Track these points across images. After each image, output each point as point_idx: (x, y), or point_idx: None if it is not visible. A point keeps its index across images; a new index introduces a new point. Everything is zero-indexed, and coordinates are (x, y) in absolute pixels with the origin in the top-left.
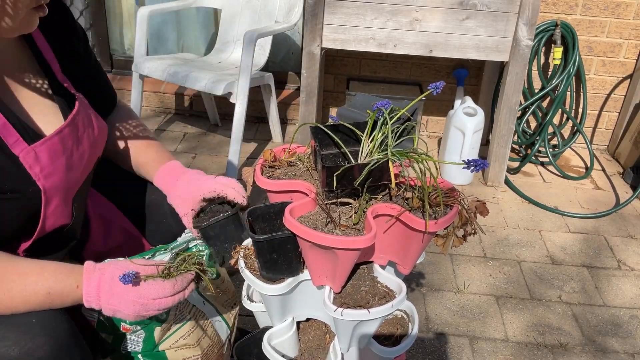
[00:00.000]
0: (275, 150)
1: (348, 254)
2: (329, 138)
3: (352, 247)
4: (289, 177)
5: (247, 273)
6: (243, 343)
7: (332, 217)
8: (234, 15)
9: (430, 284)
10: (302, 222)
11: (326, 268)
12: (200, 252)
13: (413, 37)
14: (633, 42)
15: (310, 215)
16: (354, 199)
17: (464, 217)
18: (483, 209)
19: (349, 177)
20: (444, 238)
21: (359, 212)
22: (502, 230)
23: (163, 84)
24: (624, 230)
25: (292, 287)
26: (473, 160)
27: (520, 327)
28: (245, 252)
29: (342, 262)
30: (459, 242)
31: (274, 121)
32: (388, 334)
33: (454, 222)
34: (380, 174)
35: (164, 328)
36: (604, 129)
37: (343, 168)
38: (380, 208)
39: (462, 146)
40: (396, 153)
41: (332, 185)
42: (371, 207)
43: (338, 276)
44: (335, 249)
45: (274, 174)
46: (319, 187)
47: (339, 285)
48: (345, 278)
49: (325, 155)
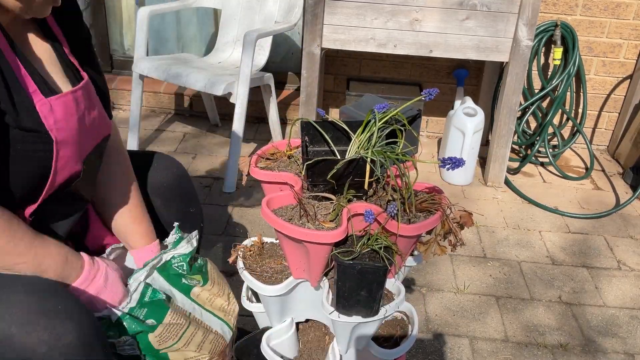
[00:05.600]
0: (277, 144)
1: (317, 248)
2: (320, 135)
3: (319, 241)
4: (280, 169)
5: (246, 274)
6: (242, 343)
7: (306, 210)
8: (234, 15)
9: (430, 284)
10: (279, 213)
11: (302, 261)
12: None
13: (413, 38)
14: (633, 43)
15: (290, 207)
16: (336, 196)
17: (447, 226)
18: (467, 220)
19: (327, 171)
20: (426, 245)
21: (337, 209)
22: (502, 231)
23: (163, 84)
24: (624, 230)
25: (291, 288)
26: (449, 158)
27: (520, 327)
28: (244, 252)
29: (313, 256)
30: (442, 250)
31: (274, 121)
32: (387, 335)
33: (436, 229)
34: (361, 172)
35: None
36: (603, 129)
37: (315, 160)
38: (358, 207)
39: (462, 146)
40: (375, 152)
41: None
42: (349, 205)
43: (312, 270)
44: (304, 242)
45: (269, 165)
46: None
47: (315, 280)
48: (320, 273)
49: (316, 152)
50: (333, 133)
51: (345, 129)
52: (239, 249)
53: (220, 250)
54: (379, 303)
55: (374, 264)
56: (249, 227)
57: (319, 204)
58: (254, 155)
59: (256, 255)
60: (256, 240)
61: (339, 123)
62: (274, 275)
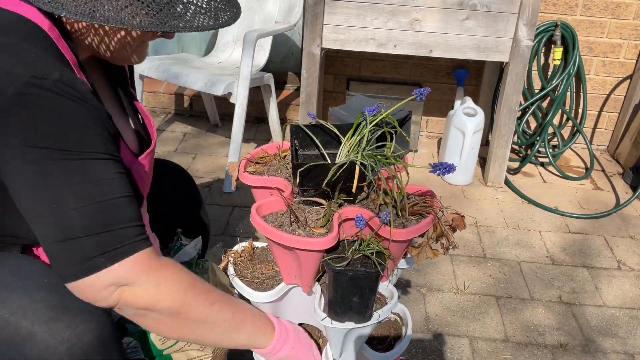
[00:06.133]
0: (266, 147)
1: (308, 255)
2: (310, 138)
3: (310, 249)
4: (270, 173)
5: (237, 281)
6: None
7: (297, 216)
8: None
9: (430, 284)
10: (269, 220)
11: (293, 267)
12: None
13: (413, 38)
14: (633, 43)
15: (280, 213)
16: (326, 200)
17: (439, 229)
18: (460, 223)
19: (318, 176)
20: (419, 248)
21: (328, 214)
22: (502, 231)
23: (163, 84)
24: (624, 230)
25: (283, 294)
26: (439, 164)
27: (520, 327)
28: (235, 258)
29: (304, 263)
30: (434, 254)
31: (274, 121)
32: (381, 337)
33: (428, 232)
34: (352, 176)
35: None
36: (603, 129)
37: (306, 167)
38: (349, 211)
39: (462, 146)
40: (366, 156)
41: (302, 184)
42: (340, 210)
43: (304, 276)
44: (295, 249)
45: (259, 169)
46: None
47: (307, 285)
48: (312, 278)
49: (306, 156)
50: (323, 137)
51: (335, 132)
52: (229, 255)
53: (220, 251)
54: (372, 308)
55: (365, 270)
56: (248, 227)
57: (310, 209)
58: (242, 159)
59: (247, 261)
60: (247, 246)
61: (329, 126)
62: (265, 281)
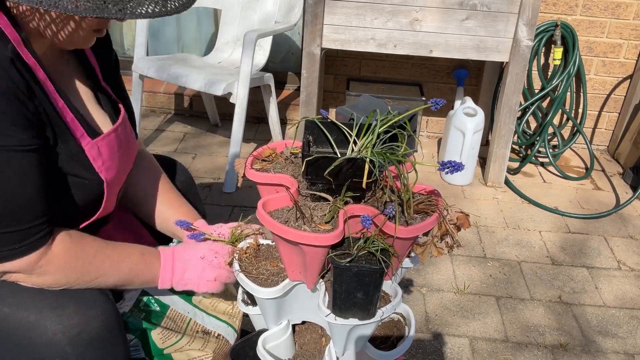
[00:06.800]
0: (273, 144)
1: (313, 250)
2: (324, 135)
3: (315, 244)
4: (276, 171)
5: (242, 276)
6: (239, 346)
7: (302, 212)
8: (233, 15)
9: (430, 284)
10: (275, 215)
11: (298, 263)
12: None
13: (413, 38)
14: (633, 43)
15: (286, 209)
16: (333, 197)
17: (444, 227)
18: (464, 221)
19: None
20: (423, 247)
21: (333, 210)
22: (502, 231)
23: (163, 84)
24: (624, 230)
25: (287, 291)
26: (449, 162)
27: (520, 327)
28: (240, 255)
29: (309, 259)
30: (438, 252)
31: (274, 121)
32: (384, 336)
33: (433, 231)
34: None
35: (161, 333)
36: (604, 129)
37: (314, 157)
38: (355, 209)
39: (462, 146)
40: (375, 153)
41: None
42: (346, 207)
43: (309, 272)
44: (300, 244)
45: (265, 167)
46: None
47: (311, 282)
48: (317, 275)
49: (319, 152)
50: (337, 135)
51: (347, 131)
52: (234, 251)
53: None
54: (376, 305)
55: (370, 267)
56: None
57: (315, 205)
58: (249, 156)
59: (252, 258)
60: (252, 242)
61: (340, 125)
62: (270, 278)
